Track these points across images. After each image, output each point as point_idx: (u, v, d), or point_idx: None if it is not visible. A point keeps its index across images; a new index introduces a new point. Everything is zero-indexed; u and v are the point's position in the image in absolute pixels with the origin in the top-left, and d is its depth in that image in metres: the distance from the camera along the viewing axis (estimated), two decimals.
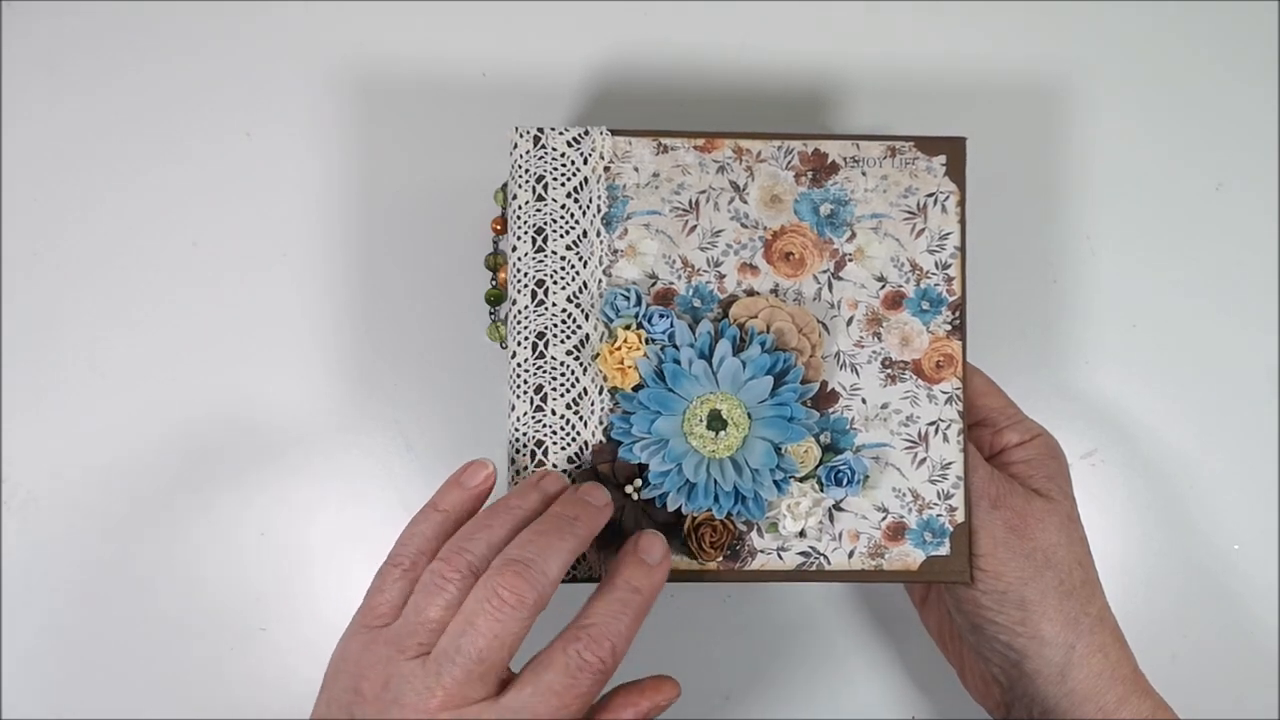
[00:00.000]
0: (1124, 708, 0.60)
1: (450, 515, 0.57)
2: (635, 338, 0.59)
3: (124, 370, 0.72)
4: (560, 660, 0.53)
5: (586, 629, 0.53)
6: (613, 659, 0.53)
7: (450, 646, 0.52)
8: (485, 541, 0.55)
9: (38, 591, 0.71)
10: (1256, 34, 0.75)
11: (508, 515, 0.56)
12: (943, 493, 0.60)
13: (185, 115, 0.73)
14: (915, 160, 0.61)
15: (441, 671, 0.52)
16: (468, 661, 0.52)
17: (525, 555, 0.53)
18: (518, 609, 0.52)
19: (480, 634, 0.52)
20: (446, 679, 0.52)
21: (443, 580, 0.54)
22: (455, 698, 0.52)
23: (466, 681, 0.52)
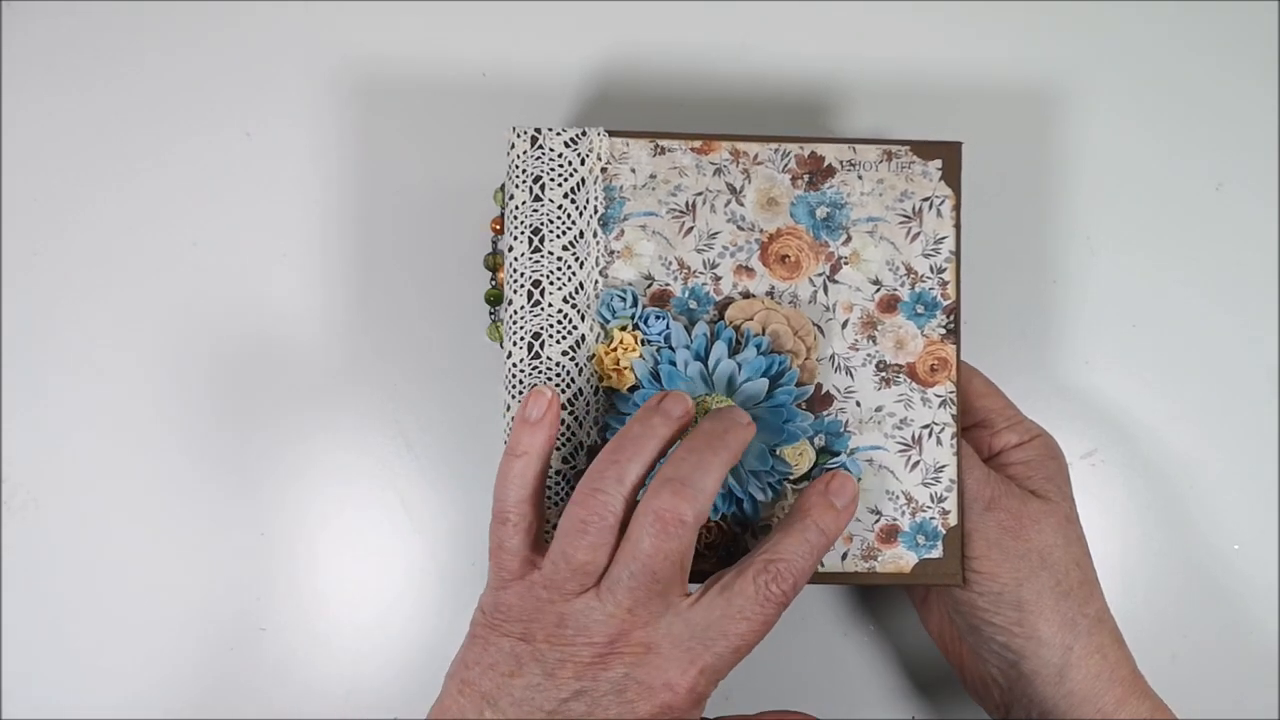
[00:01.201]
0: (1123, 709, 0.60)
1: (531, 455, 0.58)
2: (631, 339, 0.59)
3: (124, 370, 0.72)
4: (750, 588, 0.54)
5: (776, 563, 0.55)
6: (794, 594, 0.55)
7: (623, 573, 0.54)
8: (616, 479, 0.55)
9: (38, 591, 0.72)
10: (1256, 34, 0.75)
11: (636, 447, 0.56)
12: (936, 495, 0.60)
13: (185, 115, 0.73)
14: (911, 164, 0.61)
15: (618, 595, 0.54)
16: (644, 581, 0.54)
17: (680, 474, 0.54)
18: (679, 527, 0.53)
19: (649, 555, 0.53)
20: (626, 600, 0.54)
21: (581, 525, 0.55)
22: (640, 616, 0.54)
23: (647, 600, 0.54)
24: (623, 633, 0.54)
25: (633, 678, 0.53)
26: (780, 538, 0.56)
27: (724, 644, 0.54)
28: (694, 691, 0.54)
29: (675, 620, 0.54)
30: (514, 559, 0.57)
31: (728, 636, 0.54)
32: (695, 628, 0.54)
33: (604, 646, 0.54)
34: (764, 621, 0.54)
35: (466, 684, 0.56)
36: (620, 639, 0.54)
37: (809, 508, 0.57)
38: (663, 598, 0.54)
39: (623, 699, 0.53)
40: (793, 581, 0.55)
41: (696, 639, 0.54)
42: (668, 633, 0.54)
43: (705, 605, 0.54)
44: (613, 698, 0.53)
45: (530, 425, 0.58)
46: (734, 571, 0.55)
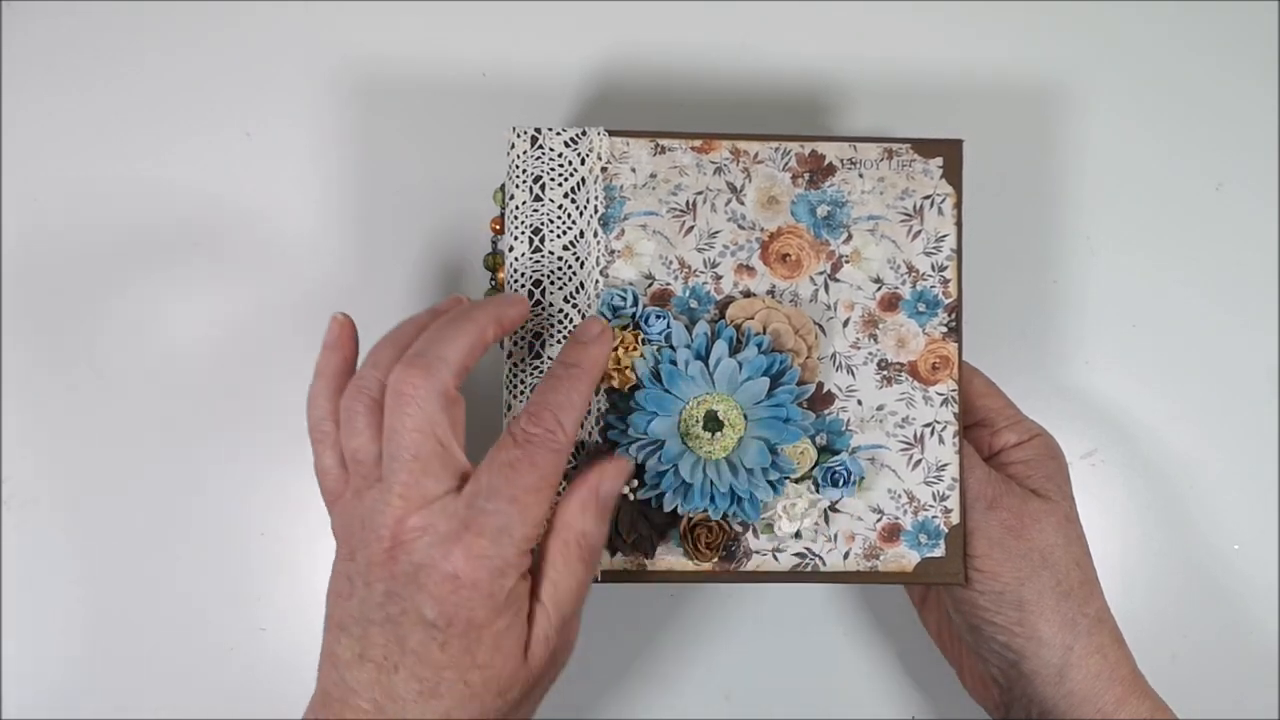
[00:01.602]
0: (1123, 709, 0.60)
1: (327, 372, 0.58)
2: (632, 338, 0.59)
3: (124, 370, 0.72)
4: (507, 440, 0.54)
5: (528, 409, 0.55)
6: (559, 429, 0.54)
7: (388, 459, 0.53)
8: (372, 364, 0.56)
9: (38, 591, 0.71)
10: (1256, 34, 0.75)
11: (392, 336, 0.57)
12: (938, 494, 0.60)
13: (185, 115, 0.73)
14: (912, 162, 0.61)
15: (390, 484, 0.53)
16: (404, 463, 0.52)
17: (418, 348, 0.54)
18: (418, 397, 0.52)
19: (399, 433, 0.52)
20: (396, 487, 0.52)
21: (349, 414, 0.55)
22: (413, 501, 0.52)
23: (414, 482, 0.52)
24: (399, 520, 0.52)
25: (419, 564, 0.52)
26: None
27: (498, 500, 0.52)
28: (484, 559, 0.52)
29: (451, 500, 0.53)
30: (328, 478, 0.57)
31: (500, 491, 0.52)
32: (470, 498, 0.52)
33: (390, 540, 0.52)
34: (533, 464, 0.53)
35: (329, 620, 0.55)
36: (400, 527, 0.52)
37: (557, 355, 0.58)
38: (434, 478, 0.52)
39: (423, 589, 0.52)
40: (551, 415, 0.54)
41: (471, 507, 0.52)
42: (443, 511, 0.52)
43: (475, 476, 0.53)
44: (414, 590, 0.52)
45: (328, 349, 0.59)
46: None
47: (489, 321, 0.56)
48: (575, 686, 0.73)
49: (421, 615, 0.52)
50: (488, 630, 0.52)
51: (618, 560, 0.60)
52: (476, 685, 0.52)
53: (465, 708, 0.52)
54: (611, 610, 0.73)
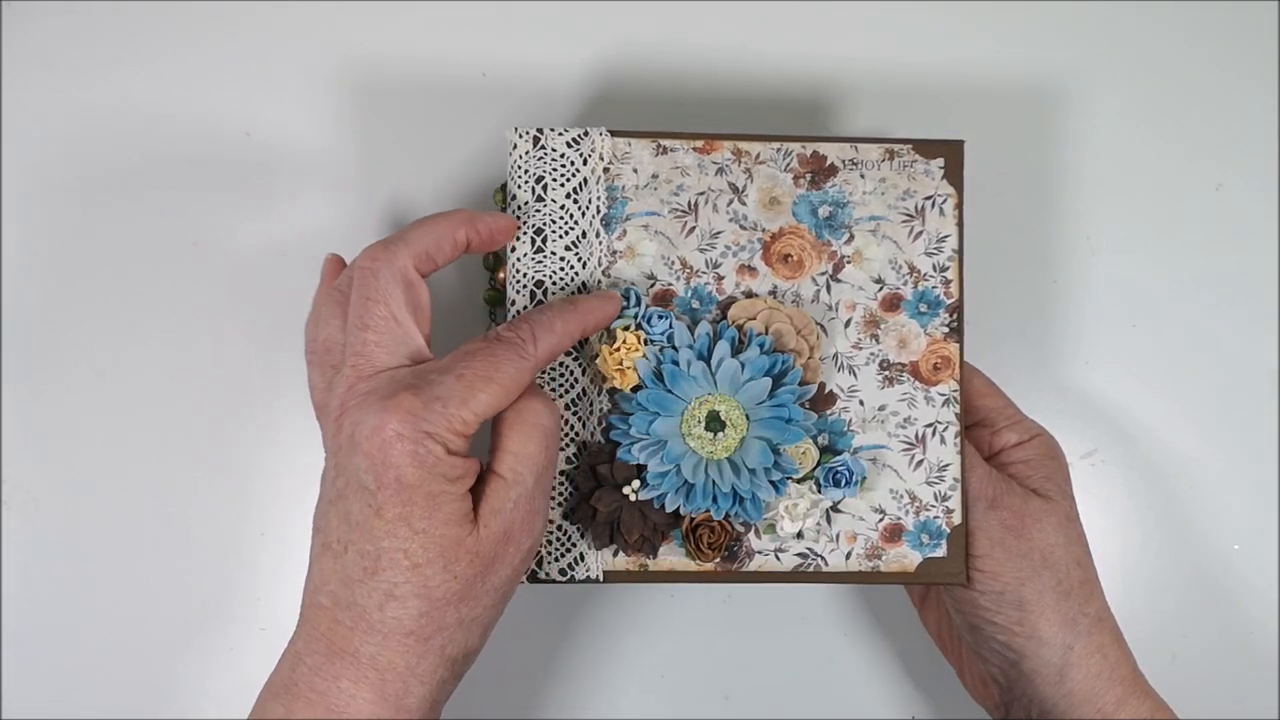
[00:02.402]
0: (1123, 708, 0.60)
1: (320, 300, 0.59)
2: (634, 339, 0.59)
3: (124, 370, 0.72)
4: (480, 338, 0.54)
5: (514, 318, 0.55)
6: (533, 341, 0.54)
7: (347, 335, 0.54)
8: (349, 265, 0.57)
9: (38, 591, 0.71)
10: (1256, 34, 0.75)
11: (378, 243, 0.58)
12: (940, 494, 0.60)
13: (185, 114, 0.73)
14: (913, 163, 0.61)
15: (346, 356, 0.53)
16: (360, 334, 0.53)
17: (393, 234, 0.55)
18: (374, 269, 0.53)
19: (354, 305, 0.53)
20: (350, 358, 0.53)
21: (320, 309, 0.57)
22: (364, 369, 0.53)
23: (366, 353, 0.53)
24: (350, 386, 0.52)
25: (356, 422, 0.51)
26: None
27: (447, 375, 0.52)
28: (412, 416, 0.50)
29: (402, 370, 0.52)
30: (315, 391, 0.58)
31: (450, 370, 0.52)
32: (422, 369, 0.52)
33: (339, 407, 0.52)
34: (491, 356, 0.53)
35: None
36: (349, 393, 0.52)
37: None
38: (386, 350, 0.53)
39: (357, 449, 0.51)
40: (528, 327, 0.54)
41: (419, 376, 0.52)
42: (390, 378, 0.52)
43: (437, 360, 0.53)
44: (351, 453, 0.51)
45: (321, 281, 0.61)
46: None
47: (462, 220, 0.57)
48: (575, 686, 0.73)
49: (360, 481, 0.51)
50: (419, 491, 0.51)
51: (620, 560, 0.60)
52: (417, 556, 0.51)
53: (410, 582, 0.51)
54: (611, 610, 0.73)
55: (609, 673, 0.73)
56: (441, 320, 0.71)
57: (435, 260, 0.56)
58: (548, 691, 0.73)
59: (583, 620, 0.72)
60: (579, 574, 0.60)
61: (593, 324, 0.58)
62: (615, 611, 0.73)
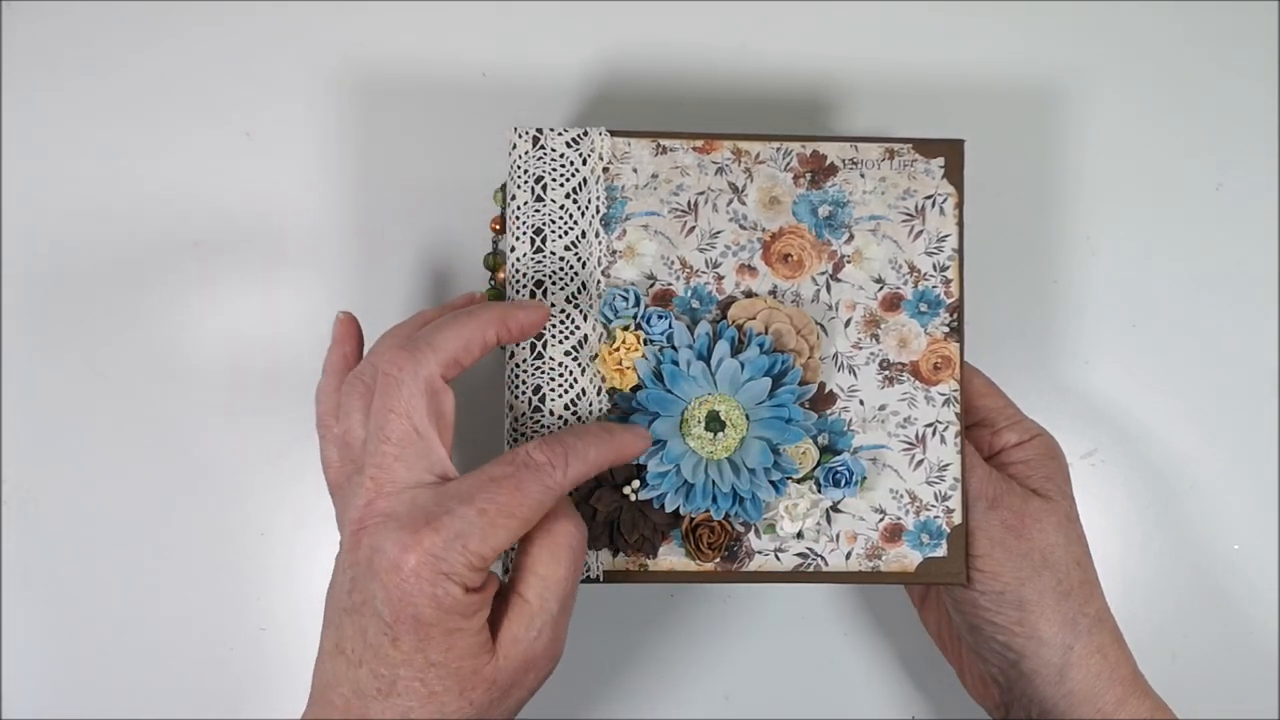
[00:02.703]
0: (1123, 708, 0.60)
1: (330, 368, 0.59)
2: (634, 339, 0.59)
3: (123, 370, 0.72)
4: (509, 455, 0.52)
5: (544, 437, 0.54)
6: (564, 467, 0.53)
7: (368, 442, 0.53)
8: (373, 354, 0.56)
9: (38, 591, 0.71)
10: (1256, 34, 0.75)
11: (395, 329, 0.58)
12: (940, 494, 0.60)
13: (185, 115, 0.73)
14: (914, 162, 0.61)
15: (365, 465, 0.52)
16: (380, 445, 0.52)
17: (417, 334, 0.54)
18: (401, 379, 0.52)
19: (377, 413, 0.52)
20: (369, 469, 0.52)
21: (345, 400, 0.55)
22: (384, 484, 0.52)
23: (384, 464, 0.52)
24: (369, 502, 0.51)
25: (375, 548, 0.50)
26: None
27: (468, 506, 0.50)
28: (432, 558, 0.49)
29: (423, 492, 0.51)
30: (330, 469, 0.57)
31: (473, 499, 0.50)
32: (442, 496, 0.51)
33: (357, 523, 0.51)
34: (517, 486, 0.51)
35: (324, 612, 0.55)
36: (368, 510, 0.51)
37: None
38: (406, 466, 0.52)
39: (375, 577, 0.50)
40: (563, 452, 0.53)
41: (440, 505, 0.50)
42: (411, 501, 0.51)
43: (460, 479, 0.52)
44: (369, 577, 0.51)
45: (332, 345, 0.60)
46: None
47: (493, 320, 0.55)
48: (575, 686, 0.73)
49: (375, 607, 0.50)
50: (436, 629, 0.50)
51: (619, 560, 0.60)
52: (434, 685, 0.51)
53: (425, 708, 0.51)
54: (611, 610, 0.73)
55: (609, 673, 0.73)
56: None
57: (463, 364, 0.54)
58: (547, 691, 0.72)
59: (583, 620, 0.72)
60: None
61: (625, 458, 0.57)
62: (615, 611, 0.73)
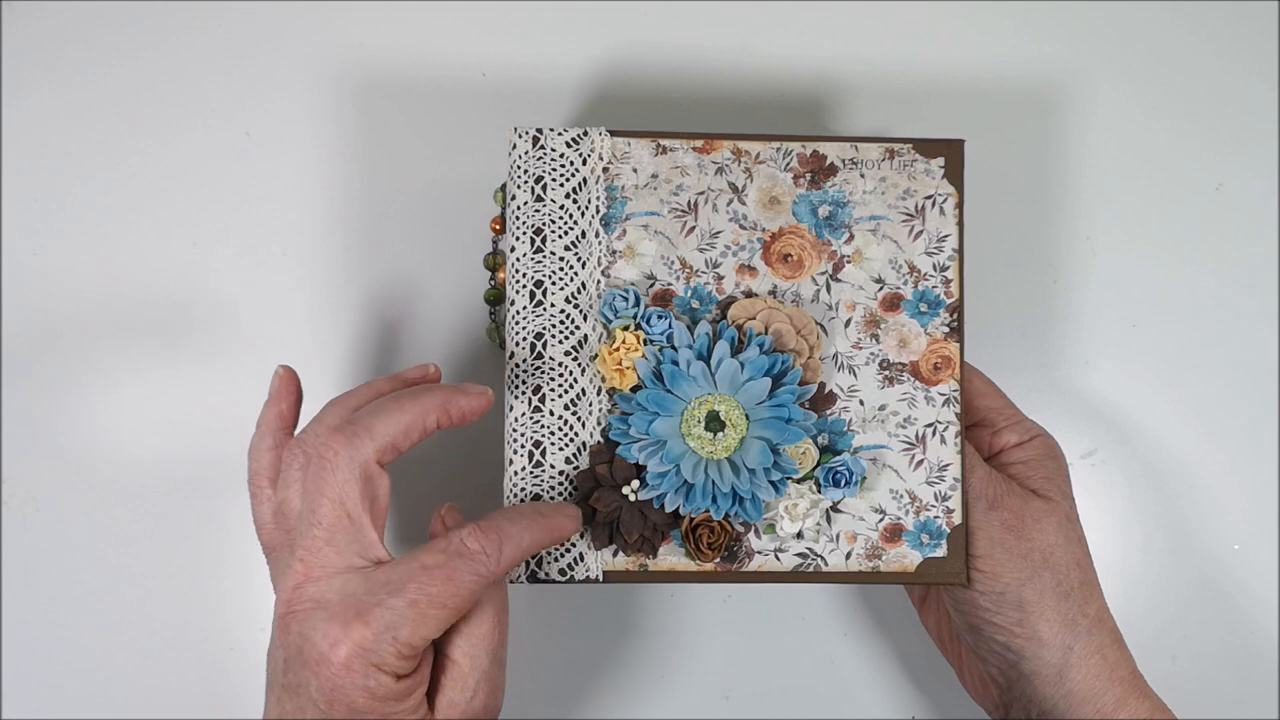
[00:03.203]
0: (1122, 709, 0.60)
1: (266, 428, 0.58)
2: (634, 339, 0.59)
3: (123, 370, 0.72)
4: (441, 543, 0.52)
5: (478, 522, 0.53)
6: (498, 555, 0.52)
7: (300, 520, 0.52)
8: (317, 420, 0.55)
9: (38, 591, 0.71)
10: (1256, 34, 0.75)
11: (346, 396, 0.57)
12: (940, 494, 0.60)
13: (185, 115, 0.73)
14: (914, 162, 0.61)
15: (295, 545, 0.52)
16: (307, 525, 0.51)
17: (350, 417, 0.53)
18: (336, 463, 0.51)
19: (309, 495, 0.52)
20: (300, 549, 0.52)
21: (285, 466, 0.54)
22: (312, 567, 0.51)
23: (315, 547, 0.51)
24: (297, 585, 0.51)
25: (305, 636, 0.50)
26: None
27: (400, 597, 0.50)
28: (363, 650, 0.49)
29: (353, 578, 0.51)
30: (263, 532, 0.57)
31: (405, 590, 0.50)
32: (373, 584, 0.50)
33: (285, 605, 0.51)
34: (449, 577, 0.50)
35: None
36: (295, 593, 0.51)
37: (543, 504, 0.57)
38: (335, 550, 0.51)
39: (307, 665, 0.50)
40: (495, 539, 0.52)
41: (370, 594, 0.50)
42: (341, 588, 0.51)
43: (390, 566, 0.51)
44: (300, 664, 0.51)
45: (268, 401, 0.59)
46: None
47: (435, 406, 0.55)
48: (575, 686, 0.73)
49: (310, 694, 0.51)
50: (372, 715, 0.50)
51: (619, 560, 0.60)
52: None
53: None
54: (612, 610, 0.73)
55: (609, 673, 0.73)
56: (442, 319, 0.72)
57: (400, 450, 0.54)
58: (547, 691, 0.73)
59: (583, 620, 0.72)
60: (579, 574, 0.60)
61: (559, 539, 0.57)
62: (615, 611, 0.73)
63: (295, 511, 0.54)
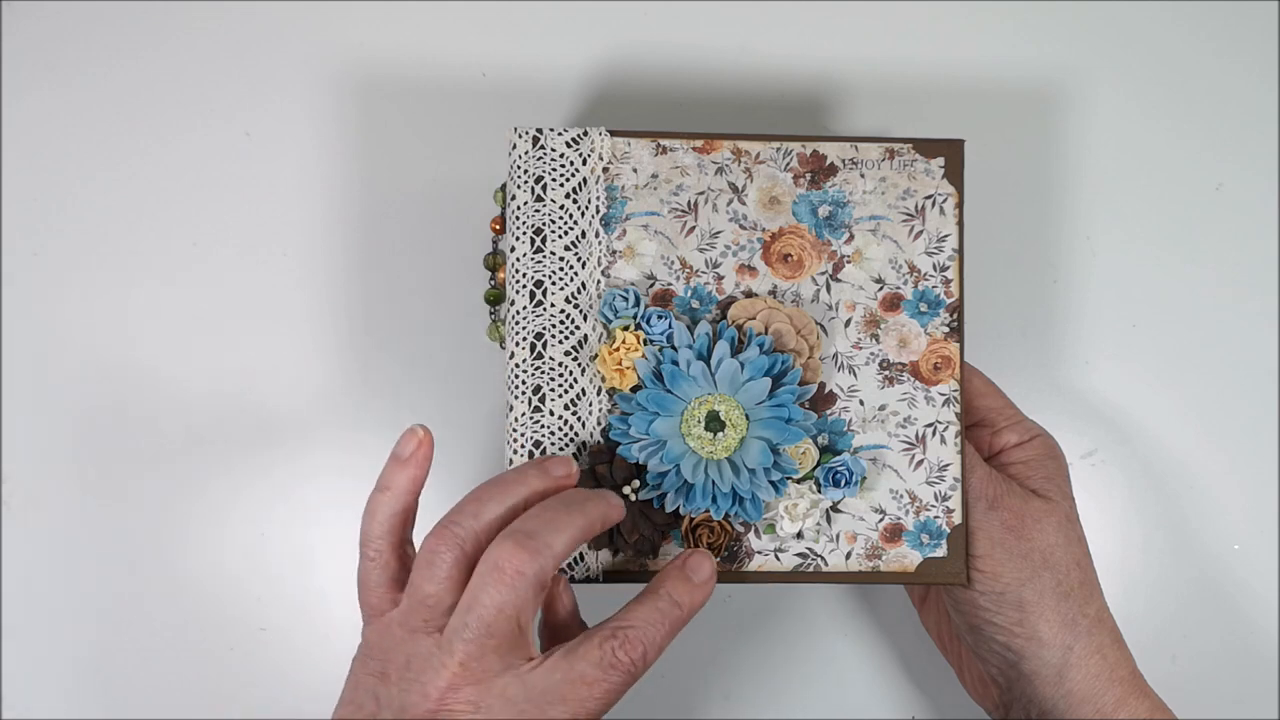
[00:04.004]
0: (1122, 709, 0.60)
1: (396, 491, 0.57)
2: (634, 339, 0.59)
3: (124, 370, 0.72)
4: (595, 654, 0.53)
5: (625, 630, 0.54)
6: (643, 663, 0.54)
7: (459, 622, 0.52)
8: (473, 514, 0.54)
9: (38, 591, 0.71)
10: (1256, 34, 0.75)
11: (501, 489, 0.56)
12: (940, 494, 0.60)
13: (185, 115, 0.73)
14: (914, 162, 0.61)
15: (454, 646, 0.52)
16: (477, 635, 0.52)
17: (528, 527, 0.53)
18: (517, 579, 0.51)
19: (484, 606, 0.52)
20: (460, 653, 0.52)
21: (432, 554, 0.53)
22: (473, 671, 0.52)
23: (481, 655, 0.52)
24: (453, 686, 0.52)
25: None
26: (632, 606, 0.55)
27: (561, 709, 0.52)
28: None
29: (512, 682, 0.52)
30: (372, 594, 0.56)
31: (566, 702, 0.52)
32: (532, 691, 0.52)
33: (436, 701, 0.52)
34: (606, 690, 0.53)
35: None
36: (450, 693, 0.52)
37: (663, 579, 0.56)
38: (499, 656, 0.52)
39: None
40: (641, 650, 0.54)
41: (532, 703, 0.52)
42: (501, 694, 0.52)
43: (547, 669, 0.52)
44: None
45: (399, 462, 0.57)
46: (581, 637, 0.54)
47: (599, 517, 0.56)
48: None
49: None
50: None
51: (619, 560, 0.60)
52: None
53: None
54: (612, 610, 0.73)
55: None
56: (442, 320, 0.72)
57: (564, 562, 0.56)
58: None
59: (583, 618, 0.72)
60: (579, 574, 0.60)
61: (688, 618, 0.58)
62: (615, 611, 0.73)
63: (442, 605, 0.53)
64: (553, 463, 0.57)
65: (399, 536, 0.57)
